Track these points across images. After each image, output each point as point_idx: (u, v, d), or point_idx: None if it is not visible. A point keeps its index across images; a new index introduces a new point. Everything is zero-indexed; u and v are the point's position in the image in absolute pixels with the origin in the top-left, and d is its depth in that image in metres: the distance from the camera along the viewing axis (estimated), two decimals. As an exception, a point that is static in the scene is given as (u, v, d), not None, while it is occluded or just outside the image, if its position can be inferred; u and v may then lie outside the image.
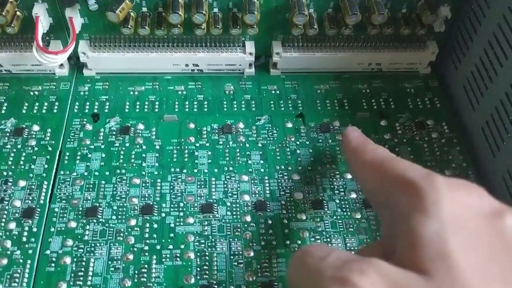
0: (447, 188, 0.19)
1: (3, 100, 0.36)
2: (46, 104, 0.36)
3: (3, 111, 0.35)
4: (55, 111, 0.35)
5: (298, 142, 0.35)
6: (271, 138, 0.35)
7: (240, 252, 0.29)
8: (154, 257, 0.29)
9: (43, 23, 0.34)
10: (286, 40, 0.38)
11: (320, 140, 0.35)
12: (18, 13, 0.34)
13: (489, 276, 0.17)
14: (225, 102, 0.37)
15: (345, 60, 0.38)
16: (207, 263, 0.29)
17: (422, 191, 0.19)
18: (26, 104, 0.36)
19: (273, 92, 0.38)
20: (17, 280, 0.27)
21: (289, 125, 0.36)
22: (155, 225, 0.30)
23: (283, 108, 0.37)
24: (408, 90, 0.39)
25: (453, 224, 0.18)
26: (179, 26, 0.34)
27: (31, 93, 0.36)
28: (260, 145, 0.34)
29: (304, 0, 0.34)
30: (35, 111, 0.35)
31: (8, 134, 0.34)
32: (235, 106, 0.37)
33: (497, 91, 0.33)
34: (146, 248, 0.29)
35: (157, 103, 0.36)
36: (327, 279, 0.18)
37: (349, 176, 0.33)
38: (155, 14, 0.35)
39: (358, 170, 0.26)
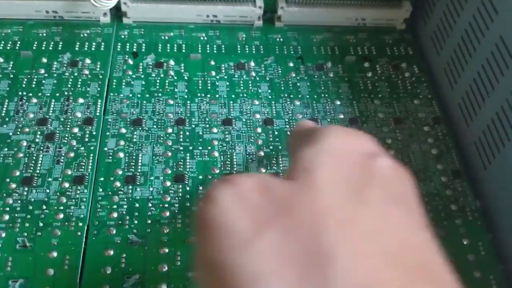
0: (338, 130, 0.20)
1: (58, 40, 0.44)
2: (94, 44, 0.44)
3: (59, 48, 0.43)
4: (102, 49, 0.43)
5: (298, 78, 0.43)
6: (276, 74, 0.43)
7: (254, 153, 0.38)
8: (188, 154, 0.37)
9: (95, -24, 0.42)
10: (289, -3, 0.46)
11: (316, 76, 0.44)
12: (74, -33, 0.42)
13: (341, 190, 0.17)
14: (239, 47, 0.45)
15: (337, 15, 0.47)
16: (228, 160, 0.37)
17: (316, 131, 0.21)
18: (78, 44, 0.44)
19: (278, 40, 0.46)
20: (83, 167, 0.36)
21: (291, 64, 0.44)
22: (187, 133, 0.38)
23: (285, 52, 0.45)
24: (387, 41, 0.47)
25: (328, 154, 0.19)
26: (204, -19, 0.42)
27: (81, 35, 0.44)
28: (267, 79, 0.43)
29: (305, -38, 0.43)
30: (85, 49, 0.43)
31: (65, 65, 0.42)
32: (247, 49, 0.45)
33: (455, 38, 0.42)
34: (181, 148, 0.38)
35: (183, 45, 0.45)
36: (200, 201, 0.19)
37: (338, 102, 0.42)
38: (184, -28, 0.43)
39: (290, 137, 0.26)
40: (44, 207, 0.33)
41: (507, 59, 0.34)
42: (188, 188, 0.35)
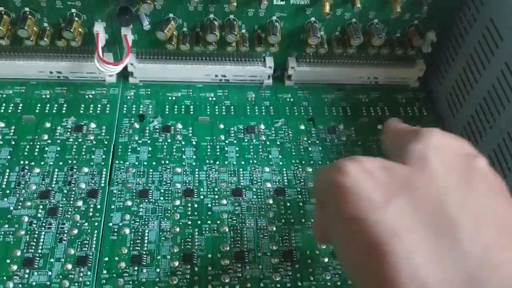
0: (439, 132, 0.24)
1: (63, 102, 0.43)
2: (99, 105, 0.43)
3: (63, 111, 0.42)
4: (107, 111, 0.42)
5: (309, 141, 0.42)
6: (287, 138, 0.42)
7: (265, 227, 0.36)
8: (196, 230, 0.36)
9: (101, 39, 0.41)
10: (299, 56, 0.45)
11: (328, 140, 0.42)
12: (80, 29, 0.41)
13: (452, 177, 0.21)
14: (248, 107, 0.44)
15: (348, 74, 0.46)
16: (238, 235, 0.36)
17: (420, 130, 0.24)
18: (83, 106, 0.42)
19: (288, 99, 0.45)
20: (86, 246, 0.34)
21: (302, 127, 0.43)
22: (196, 205, 0.37)
23: (296, 113, 0.44)
24: (400, 100, 0.46)
25: (436, 149, 0.22)
26: (214, 43, 0.41)
27: (86, 96, 0.43)
28: (278, 143, 0.42)
29: (317, 24, 0.42)
30: (90, 111, 0.42)
31: (70, 130, 0.41)
32: (257, 110, 0.44)
33: (473, 102, 0.40)
34: (189, 222, 0.36)
35: (191, 107, 0.44)
36: (327, 171, 0.23)
37: (352, 169, 0.40)
38: (193, 33, 0.42)
39: (385, 135, 0.29)
40: (46, 292, 0.32)
41: (531, 136, 0.33)
42: (196, 269, 0.34)
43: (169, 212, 0.36)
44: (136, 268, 0.33)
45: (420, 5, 0.40)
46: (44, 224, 0.35)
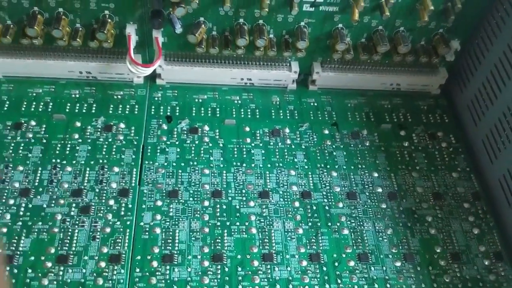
0: None
1: (92, 101, 0.43)
2: (128, 106, 0.43)
3: (93, 111, 0.43)
4: (136, 112, 0.43)
5: (334, 146, 0.43)
6: (312, 142, 0.43)
7: (292, 230, 0.37)
8: (225, 230, 0.36)
9: (132, 40, 0.41)
10: (324, 61, 0.46)
11: (352, 145, 0.43)
12: (112, 31, 0.41)
13: None
14: (273, 111, 0.45)
15: (371, 80, 0.46)
16: (267, 237, 0.36)
17: None
18: (112, 106, 0.43)
19: (312, 104, 0.46)
20: (119, 244, 0.35)
21: (326, 131, 0.44)
22: (224, 206, 0.38)
23: (320, 118, 0.45)
24: (421, 107, 0.47)
25: None
26: (243, 47, 0.42)
27: (114, 97, 0.44)
28: (303, 147, 0.42)
29: (344, 31, 0.42)
30: (119, 112, 0.43)
31: (100, 130, 0.41)
32: (281, 114, 0.45)
33: (496, 112, 0.41)
34: (218, 224, 0.37)
35: (217, 109, 0.44)
36: None
37: (375, 174, 0.41)
38: (222, 37, 0.43)
39: None
40: (81, 289, 0.32)
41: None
42: (226, 269, 0.34)
43: (198, 212, 0.37)
44: (168, 267, 0.34)
45: (448, 15, 0.41)
46: (77, 222, 0.36)
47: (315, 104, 0.46)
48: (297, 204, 0.38)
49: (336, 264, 0.35)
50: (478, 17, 0.43)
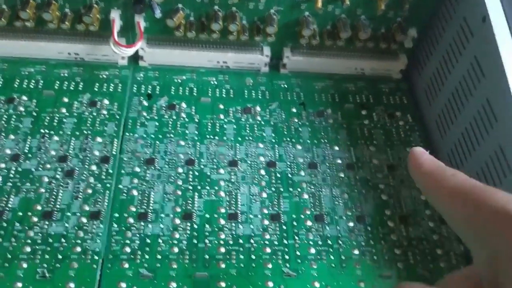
0: None
1: (79, 80, 0.47)
2: (112, 85, 0.47)
3: (80, 88, 0.47)
4: (119, 90, 0.47)
5: (300, 123, 0.47)
6: (280, 119, 0.47)
7: (257, 194, 0.41)
8: (196, 193, 0.40)
9: (116, 24, 0.45)
10: (294, 47, 0.50)
11: (316, 122, 0.47)
12: (98, 15, 0.45)
13: None
14: (246, 92, 0.49)
15: (337, 64, 0.50)
16: (233, 200, 0.40)
17: None
18: (97, 84, 0.47)
19: (282, 86, 0.50)
20: (99, 203, 0.39)
21: (294, 110, 0.48)
22: (196, 173, 0.42)
23: (289, 98, 0.49)
24: (383, 90, 0.51)
25: None
26: (217, 32, 0.46)
27: (100, 76, 0.48)
28: (272, 123, 0.46)
29: (310, 18, 0.46)
30: (104, 90, 0.47)
31: (85, 105, 0.45)
32: (253, 94, 0.49)
33: (446, 93, 0.45)
34: (190, 187, 0.41)
35: (195, 89, 0.48)
36: None
37: (336, 147, 0.45)
38: (199, 22, 0.47)
39: (439, 198, 0.23)
40: (63, 240, 0.36)
41: (491, 119, 0.38)
42: (195, 226, 0.38)
43: (172, 178, 0.41)
44: (142, 223, 0.38)
45: (402, 3, 0.45)
46: (62, 184, 0.39)
47: (285, 86, 0.50)
48: (263, 172, 0.42)
49: (295, 223, 0.39)
50: (433, 6, 0.47)
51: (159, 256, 0.36)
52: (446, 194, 0.22)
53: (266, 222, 0.39)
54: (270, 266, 0.37)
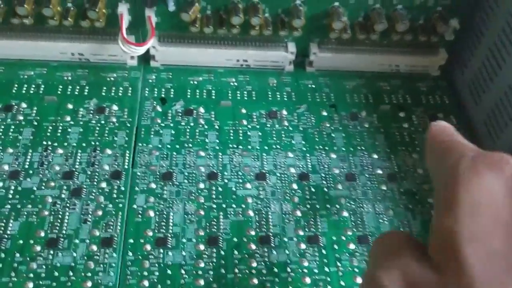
0: (470, 173, 0.19)
1: (84, 84, 0.42)
2: (121, 88, 0.42)
3: (85, 93, 0.42)
4: (129, 94, 0.42)
5: (332, 128, 0.42)
6: (310, 123, 0.42)
7: (290, 212, 0.36)
8: (221, 213, 0.35)
9: (125, 20, 0.40)
10: (322, 42, 0.45)
11: (350, 126, 0.42)
12: (104, 10, 0.40)
13: (497, 270, 0.17)
14: (269, 93, 0.44)
15: (369, 61, 0.45)
16: (264, 219, 0.35)
17: (450, 177, 0.19)
18: (105, 88, 0.42)
19: (309, 86, 0.45)
20: (111, 227, 0.34)
21: (324, 113, 0.43)
22: (220, 189, 0.37)
23: (318, 100, 0.44)
24: (421, 88, 0.46)
25: (469, 215, 0.18)
26: (237, 26, 0.41)
27: (108, 79, 0.43)
28: (301, 128, 0.41)
29: (341, 9, 0.41)
30: (112, 94, 0.42)
31: (92, 112, 0.40)
32: (278, 96, 0.44)
33: (496, 92, 0.40)
34: (214, 206, 0.36)
35: (213, 91, 0.43)
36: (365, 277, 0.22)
37: (375, 155, 0.40)
38: (216, 16, 0.41)
39: (426, 149, 0.24)
40: (71, 273, 0.31)
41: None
42: (222, 253, 0.33)
43: (193, 195, 0.36)
44: (161, 250, 0.33)
45: (447, -9, 0.40)
46: (68, 205, 0.34)
47: (313, 86, 0.45)
48: (295, 186, 0.37)
49: (336, 246, 0.34)
50: (478, -6, 0.42)
51: (182, 289, 0.32)
52: (432, 145, 0.23)
53: (303, 246, 0.34)
54: (310, 298, 0.32)
